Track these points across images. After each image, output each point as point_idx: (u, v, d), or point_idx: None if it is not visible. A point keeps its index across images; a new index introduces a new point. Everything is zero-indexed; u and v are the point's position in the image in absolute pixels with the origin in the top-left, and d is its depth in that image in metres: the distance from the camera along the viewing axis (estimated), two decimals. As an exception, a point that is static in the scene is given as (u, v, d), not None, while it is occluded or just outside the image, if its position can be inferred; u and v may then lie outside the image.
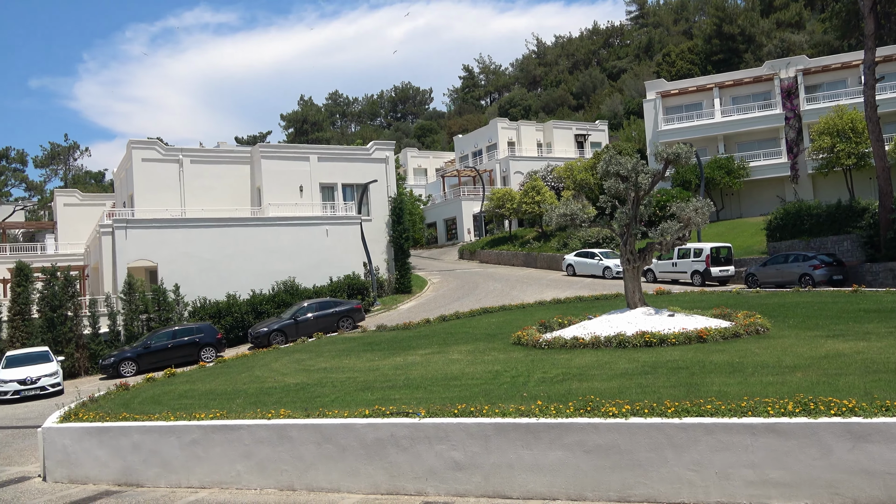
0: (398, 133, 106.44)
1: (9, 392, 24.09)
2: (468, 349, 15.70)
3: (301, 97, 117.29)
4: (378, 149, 43.11)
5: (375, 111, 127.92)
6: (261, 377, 15.32)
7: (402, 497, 9.11)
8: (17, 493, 11.12)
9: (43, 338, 29.32)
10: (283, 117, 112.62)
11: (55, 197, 53.33)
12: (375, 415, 9.68)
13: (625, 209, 16.02)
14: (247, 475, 10.27)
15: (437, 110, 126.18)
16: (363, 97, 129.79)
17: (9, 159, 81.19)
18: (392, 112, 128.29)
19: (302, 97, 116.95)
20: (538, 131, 71.30)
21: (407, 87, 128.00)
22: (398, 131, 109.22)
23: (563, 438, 8.44)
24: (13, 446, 15.33)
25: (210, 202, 38.65)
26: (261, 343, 28.15)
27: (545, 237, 47.38)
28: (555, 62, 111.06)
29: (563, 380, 11.02)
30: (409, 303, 36.47)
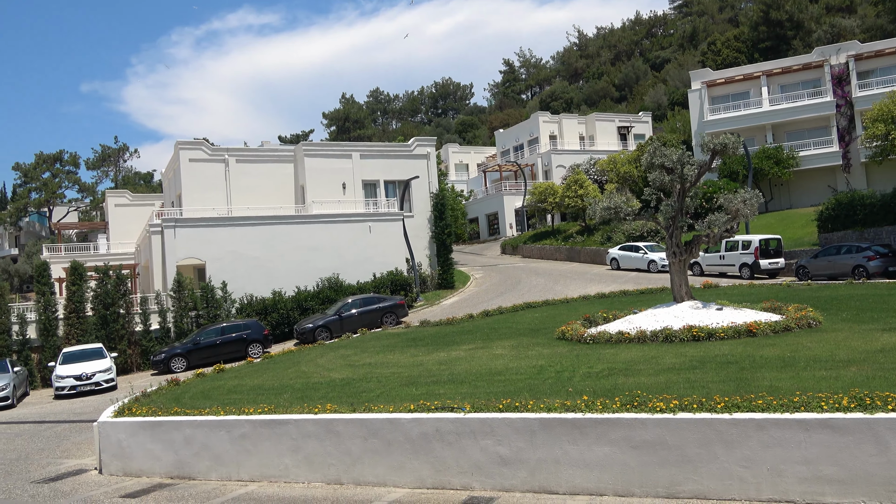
0: (439, 129, 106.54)
1: (66, 387, 24.85)
2: (512, 344, 15.65)
3: (342, 95, 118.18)
4: (419, 145, 43.22)
5: (416, 107, 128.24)
6: (307, 372, 15.51)
7: (447, 491, 9.13)
8: (74, 486, 11.46)
9: (97, 335, 30.18)
10: (325, 115, 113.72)
11: (106, 198, 54.81)
12: (420, 410, 9.72)
13: (670, 201, 15.76)
14: (295, 469, 10.42)
15: (478, 105, 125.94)
16: (404, 94, 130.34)
17: (62, 162, 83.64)
18: (433, 108, 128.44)
19: (343, 95, 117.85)
20: (580, 124, 70.63)
21: (447, 82, 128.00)
22: (439, 127, 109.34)
23: (609, 434, 8.36)
24: (71, 440, 15.81)
25: (255, 201, 39.26)
26: (306, 339, 28.49)
27: (588, 231, 46.93)
28: (596, 54, 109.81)
29: (608, 375, 10.91)
30: (451, 298, 36.53)
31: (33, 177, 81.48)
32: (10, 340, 29.92)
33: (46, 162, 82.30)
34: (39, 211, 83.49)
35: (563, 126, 69.35)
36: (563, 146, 66.65)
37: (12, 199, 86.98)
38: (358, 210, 39.48)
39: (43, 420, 19.81)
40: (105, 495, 10.67)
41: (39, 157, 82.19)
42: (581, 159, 59.17)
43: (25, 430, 18.06)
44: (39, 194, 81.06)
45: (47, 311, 30.53)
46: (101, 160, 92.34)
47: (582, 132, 70.00)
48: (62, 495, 10.83)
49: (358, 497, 9.34)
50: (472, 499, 8.75)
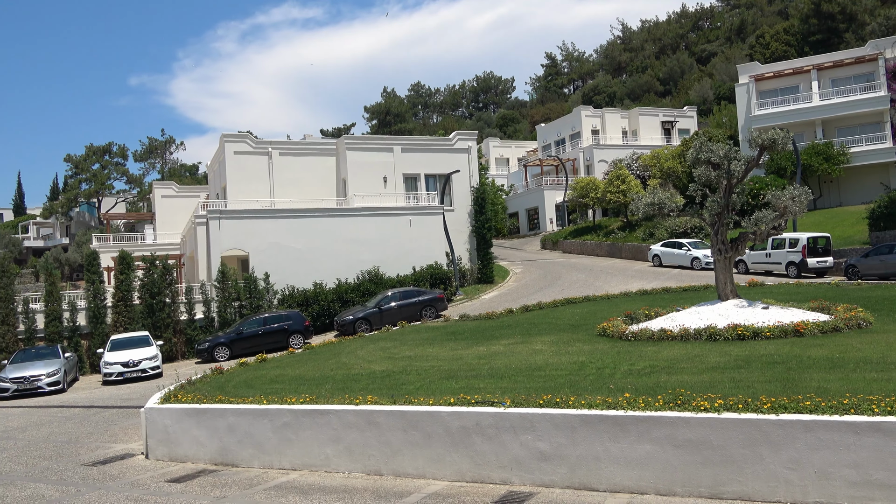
0: (480, 123, 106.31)
1: (113, 374, 25.50)
2: (552, 340, 15.57)
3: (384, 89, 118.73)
4: (460, 139, 43.20)
5: (457, 101, 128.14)
6: (347, 364, 15.65)
7: (486, 485, 9.14)
8: (122, 469, 11.77)
9: (143, 323, 30.89)
10: (367, 109, 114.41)
11: (153, 189, 56.04)
12: (460, 403, 9.74)
13: (716, 198, 15.48)
14: (335, 459, 10.53)
15: (520, 99, 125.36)
16: (445, 88, 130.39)
17: (111, 154, 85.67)
18: (474, 102, 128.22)
19: (385, 89, 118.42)
20: (623, 119, 69.78)
21: (489, 76, 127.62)
22: (480, 121, 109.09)
23: (651, 432, 8.26)
24: (118, 424, 16.22)
25: (298, 193, 39.70)
26: (346, 331, 28.75)
27: (630, 227, 46.39)
28: (641, 47, 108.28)
29: (650, 372, 10.79)
30: (491, 293, 36.48)
31: (83, 168, 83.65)
32: (61, 327, 30.81)
33: (96, 154, 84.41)
34: (89, 201, 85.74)
35: (606, 120, 68.61)
36: (605, 141, 65.95)
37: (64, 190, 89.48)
38: (398, 203, 39.64)
39: (92, 405, 20.36)
40: (151, 479, 10.93)
41: (89, 149, 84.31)
42: (624, 154, 58.47)
43: (75, 415, 18.59)
44: (89, 185, 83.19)
45: (96, 299, 31.33)
46: (148, 152, 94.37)
47: (625, 127, 69.17)
48: (110, 478, 11.13)
49: (398, 488, 9.41)
50: (511, 493, 8.74)
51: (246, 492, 9.82)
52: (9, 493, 10.53)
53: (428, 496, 8.90)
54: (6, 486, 10.97)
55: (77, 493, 10.29)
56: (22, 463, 12.70)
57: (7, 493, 10.59)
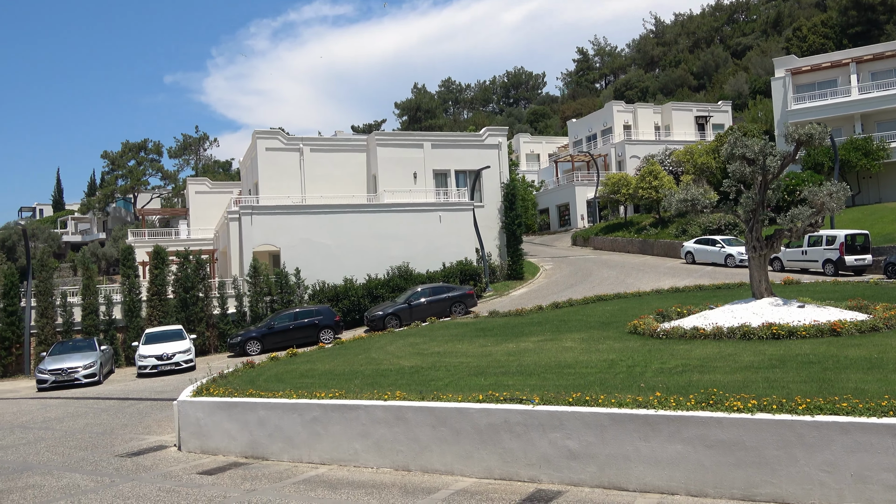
0: (511, 119, 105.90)
1: (148, 366, 25.92)
2: (582, 337, 15.45)
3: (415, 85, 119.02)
4: (491, 135, 43.07)
5: (488, 97, 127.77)
6: (377, 359, 15.70)
7: (515, 483, 9.10)
8: (155, 461, 11.95)
9: (177, 317, 31.35)
10: (398, 105, 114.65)
11: (187, 185, 56.80)
12: (489, 400, 9.70)
13: (751, 194, 15.20)
14: (364, 454, 10.57)
15: (551, 95, 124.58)
16: (475, 83, 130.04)
17: (147, 150, 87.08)
18: (504, 98, 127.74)
19: (415, 85, 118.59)
20: (656, 114, 69.00)
21: (519, 72, 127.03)
22: (511, 117, 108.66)
23: (682, 432, 8.15)
24: (152, 416, 16.48)
25: (328, 189, 39.95)
26: (376, 326, 28.87)
27: (663, 223, 45.87)
28: (674, 41, 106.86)
29: (682, 371, 10.63)
30: (521, 289, 36.35)
31: (120, 164, 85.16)
32: (98, 320, 31.42)
33: (132, 150, 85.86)
34: (125, 197, 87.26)
35: (638, 115, 67.90)
36: (637, 136, 65.26)
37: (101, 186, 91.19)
38: (428, 199, 39.68)
39: (127, 397, 20.72)
40: (184, 471, 11.07)
41: (125, 146, 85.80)
42: (656, 150, 57.80)
43: (111, 406, 18.94)
44: (125, 181, 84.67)
45: (132, 293, 31.88)
46: (182, 149, 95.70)
47: (657, 122, 68.37)
48: (144, 469, 11.30)
49: (426, 484, 9.41)
50: (539, 491, 8.69)
51: (276, 485, 9.90)
52: (46, 482, 10.75)
53: (456, 493, 8.89)
54: (44, 476, 11.21)
55: (111, 483, 10.47)
56: (59, 453, 12.97)
57: (45, 481, 10.82)
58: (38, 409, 19.54)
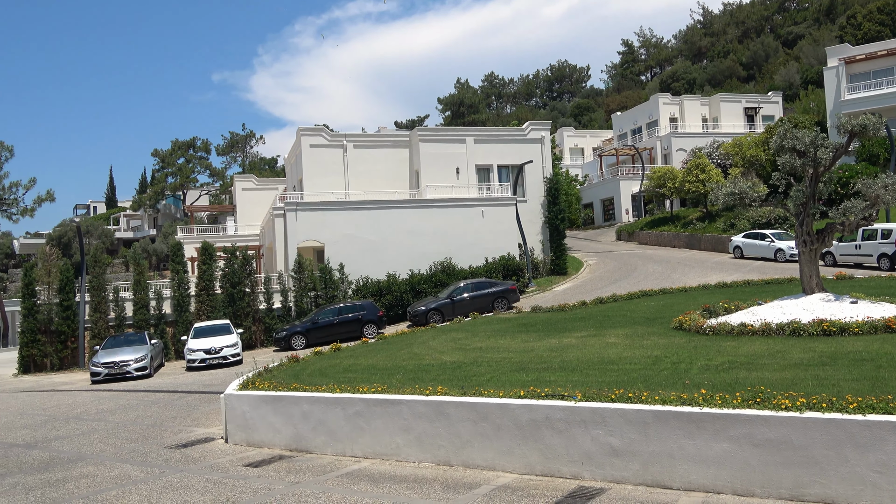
0: (554, 113, 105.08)
1: (196, 360, 26.48)
2: (626, 333, 15.26)
3: (457, 80, 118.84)
4: (534, 129, 42.81)
5: (531, 91, 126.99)
6: (419, 354, 15.75)
7: (556, 479, 9.04)
8: (203, 452, 12.21)
9: (224, 311, 31.95)
10: (440, 101, 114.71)
11: (234, 182, 57.83)
12: (530, 396, 9.65)
13: (801, 187, 14.80)
14: (406, 448, 10.62)
15: (595, 88, 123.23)
16: (519, 77, 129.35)
17: (195, 148, 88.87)
18: (548, 91, 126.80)
19: (458, 80, 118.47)
20: (703, 106, 67.69)
21: (563, 65, 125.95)
22: (554, 111, 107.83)
23: (728, 430, 7.98)
24: (200, 409, 16.84)
25: (371, 185, 40.22)
26: (419, 321, 28.98)
27: (710, 217, 45.00)
28: (722, 31, 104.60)
29: (729, 368, 10.42)
30: (564, 284, 36.09)
31: (169, 162, 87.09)
32: (148, 315, 32.21)
33: (181, 148, 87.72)
34: (175, 194, 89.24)
35: (685, 108, 66.71)
36: (684, 129, 64.12)
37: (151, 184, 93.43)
38: (471, 195, 39.65)
39: (176, 390, 21.20)
40: (230, 463, 11.29)
41: (175, 144, 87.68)
42: (703, 142, 56.72)
43: (161, 399, 19.40)
44: (175, 179, 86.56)
45: (181, 288, 32.59)
46: (229, 146, 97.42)
47: (705, 114, 67.08)
48: (192, 461, 11.56)
49: (467, 479, 9.41)
50: (581, 488, 8.62)
51: (319, 478, 10.02)
52: (99, 473, 11.08)
53: (497, 488, 8.87)
54: (97, 466, 11.55)
55: (161, 474, 10.73)
56: (111, 444, 13.35)
57: (97, 472, 11.15)
58: (92, 401, 20.13)
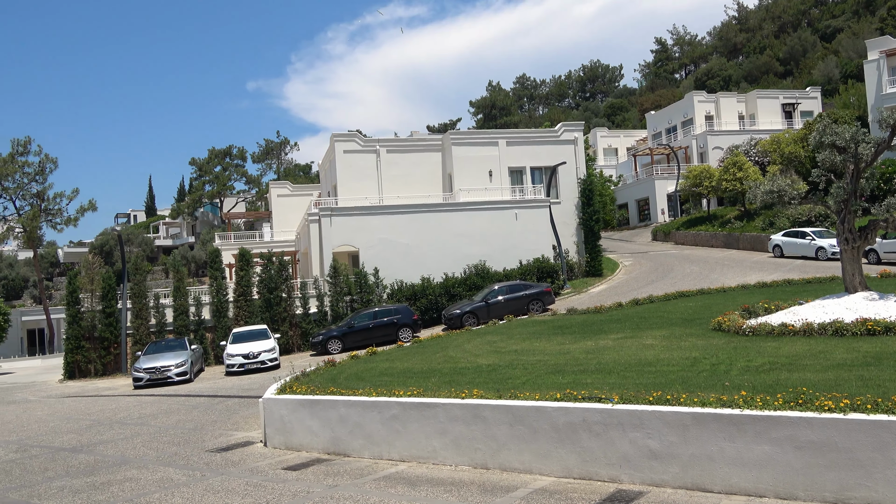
0: (587, 113, 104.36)
1: (235, 365, 26.84)
2: (663, 334, 15.09)
3: (489, 83, 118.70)
4: (566, 130, 42.58)
5: (563, 92, 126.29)
6: (454, 357, 15.77)
7: (594, 483, 8.97)
8: (243, 456, 12.38)
9: (262, 316, 32.33)
10: (472, 104, 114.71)
11: (270, 189, 58.51)
12: (567, 399, 9.60)
13: (842, 183, 14.49)
14: (442, 451, 10.64)
15: (628, 87, 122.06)
16: (551, 79, 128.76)
17: (231, 156, 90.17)
18: (580, 92, 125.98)
19: (490, 83, 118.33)
20: (739, 102, 66.64)
21: (595, 65, 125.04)
22: (587, 111, 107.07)
23: (770, 432, 7.85)
24: (240, 413, 17.07)
25: (405, 189, 40.37)
26: (454, 324, 28.99)
27: (748, 216, 44.26)
28: (758, 27, 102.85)
29: (769, 369, 10.24)
30: (599, 286, 35.80)
31: (207, 170, 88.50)
32: (188, 321, 32.75)
33: (218, 156, 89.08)
34: (212, 202, 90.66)
35: (721, 105, 65.75)
36: (720, 127, 63.20)
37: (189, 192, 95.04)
38: (504, 197, 39.56)
39: (216, 394, 21.53)
40: (269, 466, 11.43)
41: (212, 153, 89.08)
42: (740, 140, 55.81)
43: (201, 403, 19.72)
44: (212, 186, 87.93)
45: (219, 294, 33.09)
46: (265, 153, 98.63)
47: (741, 111, 66.03)
48: (232, 464, 11.73)
49: (504, 482, 9.39)
50: (620, 491, 8.54)
51: (357, 481, 10.09)
52: (142, 476, 11.30)
53: (534, 491, 8.84)
54: (140, 469, 11.79)
55: (202, 477, 10.91)
56: (153, 448, 13.60)
57: (141, 475, 11.38)
58: (135, 406, 20.54)
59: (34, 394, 27.33)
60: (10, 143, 56.56)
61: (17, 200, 56.89)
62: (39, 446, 14.79)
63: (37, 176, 56.29)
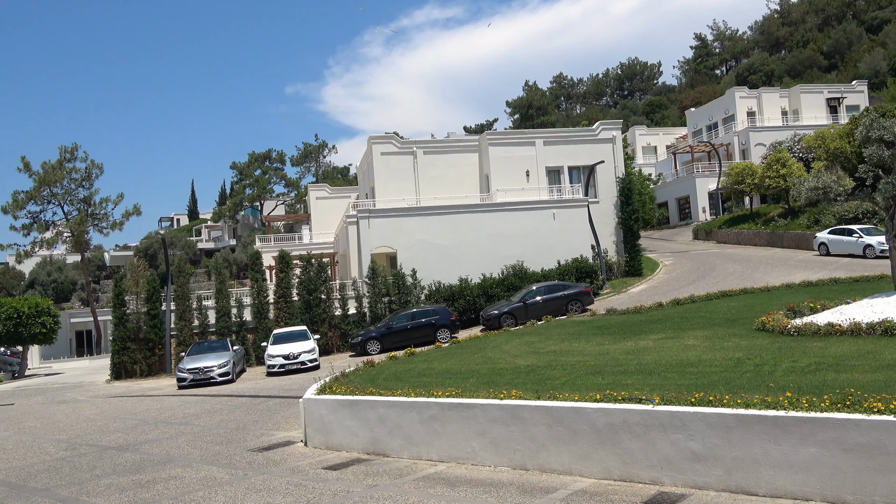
0: (625, 111, 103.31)
1: (276, 366, 27.17)
2: (705, 335, 14.85)
3: (525, 82, 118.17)
4: (604, 129, 42.21)
5: (601, 90, 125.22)
6: (492, 358, 15.74)
7: (635, 485, 8.87)
8: (284, 455, 12.53)
9: (302, 318, 32.69)
10: (509, 104, 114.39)
11: (308, 192, 59.16)
12: (607, 399, 9.50)
13: (891, 179, 14.11)
14: (481, 452, 10.62)
15: (667, 84, 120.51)
16: (588, 77, 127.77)
17: (271, 160, 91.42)
18: (618, 90, 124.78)
19: (526, 82, 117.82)
20: (782, 98, 65.28)
21: (633, 62, 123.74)
22: (625, 109, 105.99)
23: (816, 434, 7.66)
24: (280, 413, 17.27)
25: (442, 190, 40.44)
26: (492, 325, 28.94)
27: (792, 214, 43.33)
28: (801, 20, 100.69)
29: (815, 370, 10.01)
30: (639, 286, 35.40)
31: (247, 174, 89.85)
32: (230, 322, 33.26)
33: (258, 160, 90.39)
34: (252, 205, 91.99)
35: (763, 101, 64.49)
36: (762, 123, 61.99)
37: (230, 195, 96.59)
38: (542, 197, 39.39)
39: (257, 394, 21.82)
40: (310, 466, 11.54)
41: (252, 157, 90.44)
42: (783, 136, 54.66)
43: (243, 403, 20.01)
44: (252, 190, 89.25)
45: (260, 296, 33.55)
46: (303, 157, 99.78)
47: (784, 106, 64.68)
48: (273, 464, 11.87)
49: (544, 483, 9.34)
50: (661, 494, 8.43)
51: (396, 481, 10.13)
52: (186, 474, 11.51)
53: (575, 493, 8.77)
54: (184, 468, 12.01)
55: (244, 476, 11.07)
56: (197, 447, 13.84)
57: (185, 473, 11.59)
58: (179, 406, 20.93)
59: (82, 394, 28.05)
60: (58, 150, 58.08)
61: (66, 206, 58.49)
62: (88, 444, 15.16)
63: (84, 182, 57.84)
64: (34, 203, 57.21)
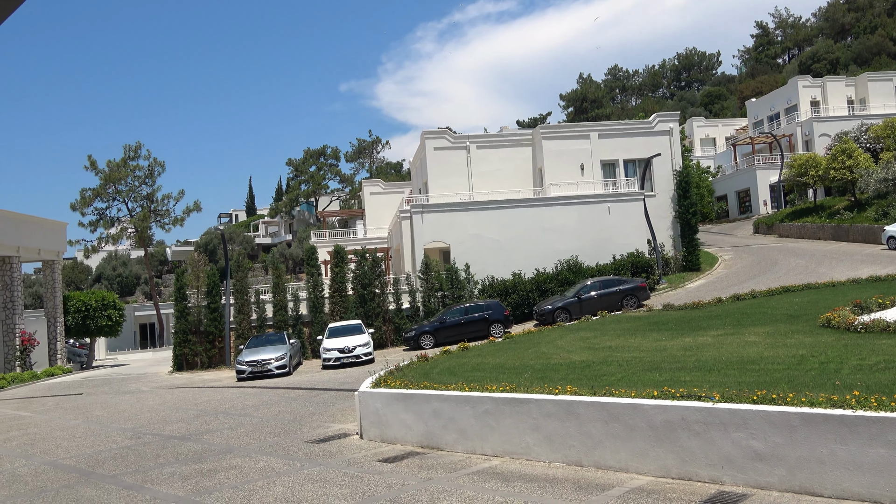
0: (682, 103, 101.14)
1: (331, 359, 27.53)
2: (767, 331, 14.44)
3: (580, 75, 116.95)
4: (661, 121, 41.42)
5: (657, 82, 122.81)
6: (546, 353, 15.62)
7: (694, 483, 8.68)
8: (340, 447, 12.68)
9: (356, 312, 33.06)
10: (563, 97, 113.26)
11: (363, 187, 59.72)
12: (664, 396, 9.33)
13: (966, 169, 13.45)
14: (536, 447, 10.56)
15: (727, 74, 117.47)
16: (644, 69, 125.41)
17: (326, 156, 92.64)
18: (675, 81, 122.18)
19: (581, 75, 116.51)
20: (848, 86, 62.97)
21: (691, 52, 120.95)
22: (682, 101, 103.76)
23: (886, 435, 7.37)
24: (336, 406, 17.50)
25: (495, 185, 40.31)
26: (545, 320, 28.74)
27: (859, 206, 41.77)
28: (868, 5, 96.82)
29: (885, 368, 9.62)
30: (697, 281, 34.67)
31: (302, 171, 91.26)
32: (287, 316, 33.86)
33: (313, 157, 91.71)
34: (308, 201, 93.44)
35: (827, 90, 62.32)
36: (826, 113, 59.93)
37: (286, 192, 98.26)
38: (596, 191, 38.91)
39: (313, 387, 22.15)
40: (365, 458, 11.66)
41: (307, 153, 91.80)
42: (849, 126, 52.73)
43: (299, 396, 20.34)
44: (308, 186, 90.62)
45: (315, 290, 34.04)
46: (357, 153, 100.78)
47: (850, 95, 62.38)
48: (330, 456, 12.04)
49: (599, 480, 9.23)
50: (721, 493, 8.23)
51: (450, 475, 10.15)
52: (245, 464, 11.77)
53: (631, 490, 8.64)
54: (243, 458, 12.28)
55: (301, 467, 11.25)
56: (256, 438, 14.14)
57: (244, 463, 11.84)
58: (238, 397, 21.41)
59: (146, 384, 28.95)
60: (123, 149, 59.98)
61: (130, 202, 60.36)
62: (151, 434, 15.64)
63: (146, 179, 59.59)
64: (100, 200, 59.23)
